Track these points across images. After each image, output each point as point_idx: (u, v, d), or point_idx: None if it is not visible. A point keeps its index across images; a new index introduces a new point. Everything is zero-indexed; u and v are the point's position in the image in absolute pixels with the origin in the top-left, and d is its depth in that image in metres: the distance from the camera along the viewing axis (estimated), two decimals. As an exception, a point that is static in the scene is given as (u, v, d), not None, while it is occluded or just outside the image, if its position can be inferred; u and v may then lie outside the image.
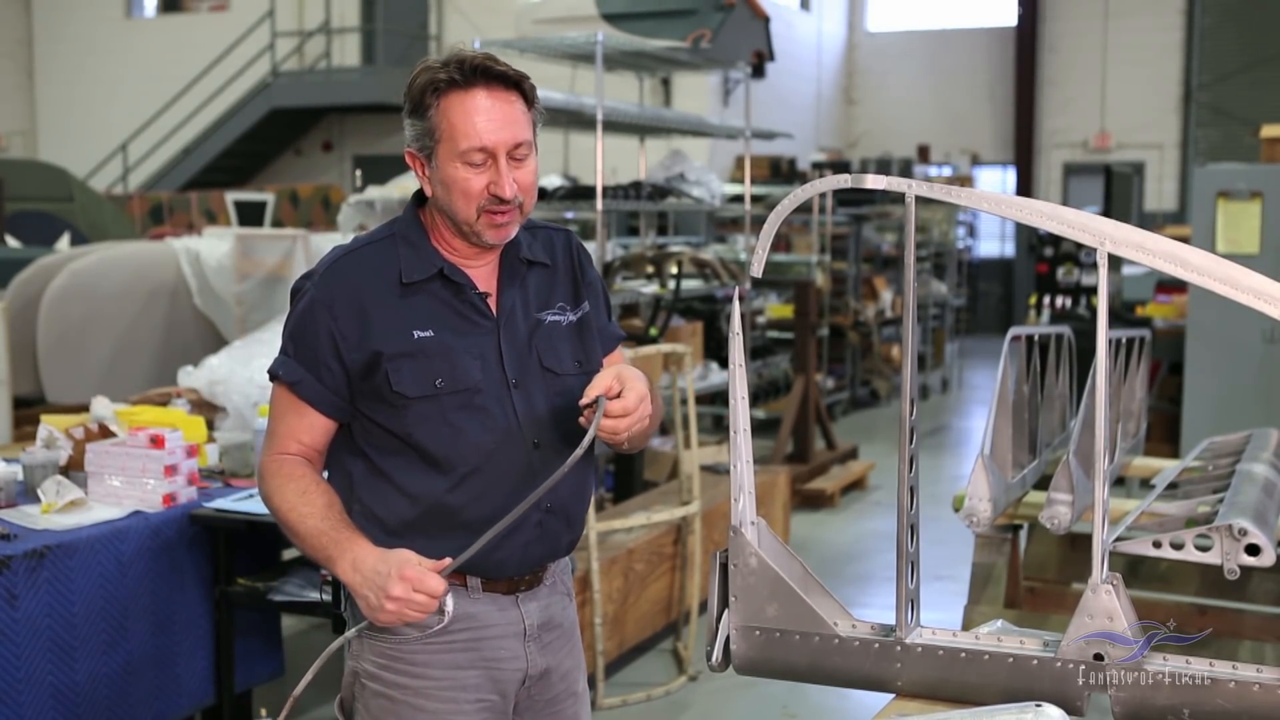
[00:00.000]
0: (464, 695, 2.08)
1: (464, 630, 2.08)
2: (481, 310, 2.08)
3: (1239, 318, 6.59)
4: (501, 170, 2.00)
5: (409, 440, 2.04)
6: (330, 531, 2.01)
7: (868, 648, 1.82)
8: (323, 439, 2.11)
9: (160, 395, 4.56)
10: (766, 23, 7.80)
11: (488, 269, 2.12)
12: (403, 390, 2.02)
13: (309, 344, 2.05)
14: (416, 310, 2.05)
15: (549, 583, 2.18)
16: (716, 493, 5.50)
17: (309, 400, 2.06)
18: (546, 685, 2.18)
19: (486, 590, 2.10)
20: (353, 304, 2.03)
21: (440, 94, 2.00)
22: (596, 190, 5.86)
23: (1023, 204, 1.72)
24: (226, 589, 3.58)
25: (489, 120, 1.99)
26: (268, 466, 2.10)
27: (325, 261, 2.10)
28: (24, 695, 3.07)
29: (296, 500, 2.04)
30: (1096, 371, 1.73)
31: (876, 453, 8.78)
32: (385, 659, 2.09)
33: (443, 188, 2.03)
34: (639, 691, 4.59)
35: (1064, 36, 17.94)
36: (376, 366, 2.02)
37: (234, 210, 11.29)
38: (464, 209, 2.02)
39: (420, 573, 1.92)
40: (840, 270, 11.07)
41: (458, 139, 1.99)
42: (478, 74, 1.99)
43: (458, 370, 2.03)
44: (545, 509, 2.09)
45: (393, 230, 2.12)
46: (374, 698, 2.10)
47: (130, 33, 18.14)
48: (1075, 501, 2.60)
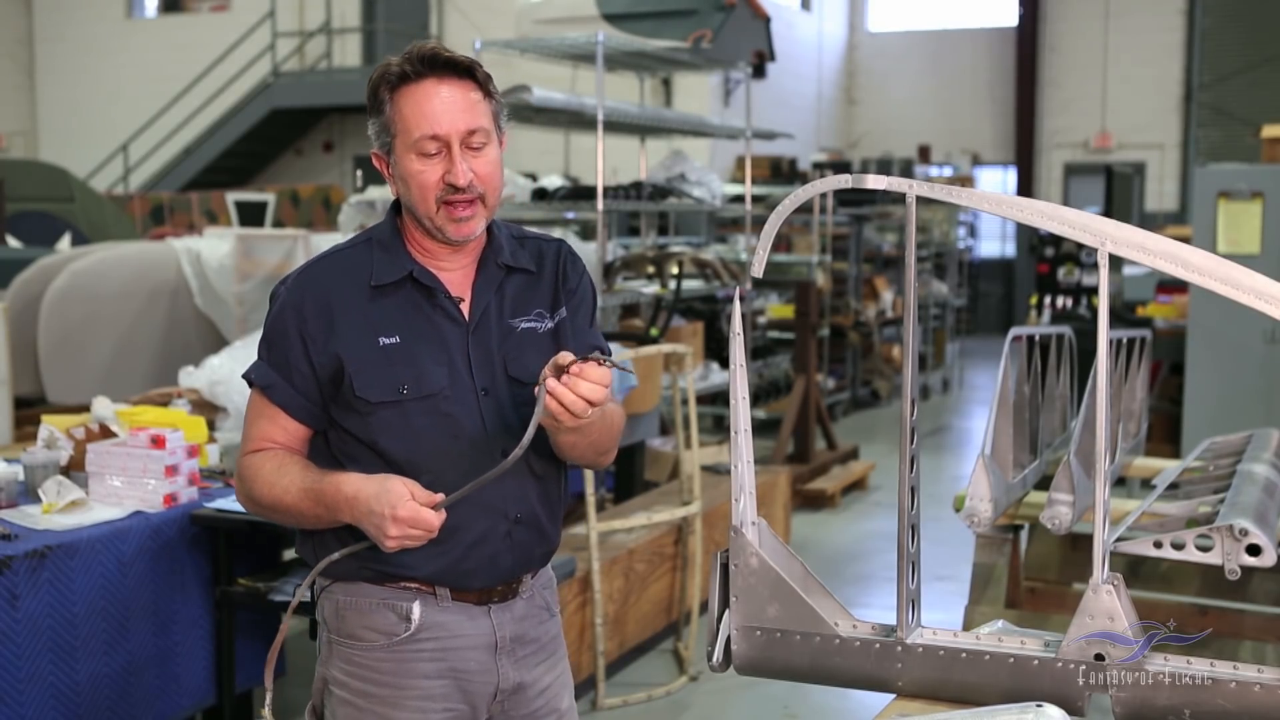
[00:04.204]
0: (431, 705, 2.05)
1: (431, 640, 2.05)
2: (452, 315, 2.05)
3: (1240, 318, 6.60)
4: (455, 158, 1.97)
5: (375, 447, 2.02)
6: (314, 486, 1.98)
7: (868, 648, 1.82)
8: (298, 444, 2.08)
9: (161, 395, 4.56)
10: (767, 23, 7.80)
11: (463, 273, 2.09)
12: (366, 395, 2.00)
13: (281, 348, 2.04)
14: (385, 314, 2.03)
15: (525, 596, 2.13)
16: (717, 493, 5.50)
17: (281, 405, 2.05)
18: (522, 700, 2.14)
19: (456, 599, 2.06)
20: (322, 308, 2.02)
21: (393, 88, 2.00)
22: (597, 190, 5.86)
23: (1023, 204, 1.72)
24: (227, 589, 3.59)
25: (439, 108, 1.97)
26: (241, 470, 2.08)
27: (302, 265, 2.10)
28: (25, 695, 3.07)
29: (275, 477, 2.02)
30: (1097, 372, 1.72)
31: (877, 453, 8.78)
32: (352, 666, 2.06)
33: (403, 183, 2.02)
34: (640, 692, 4.59)
35: (1064, 36, 17.94)
36: (341, 371, 2.00)
37: (235, 210, 11.29)
38: (422, 202, 2.00)
39: (414, 511, 1.89)
40: (841, 270, 11.07)
41: (410, 129, 1.98)
42: (426, 64, 1.98)
43: (423, 376, 2.00)
44: (514, 519, 2.06)
45: (370, 235, 2.11)
46: (341, 705, 2.08)
47: (131, 33, 18.14)
48: (1076, 502, 2.60)
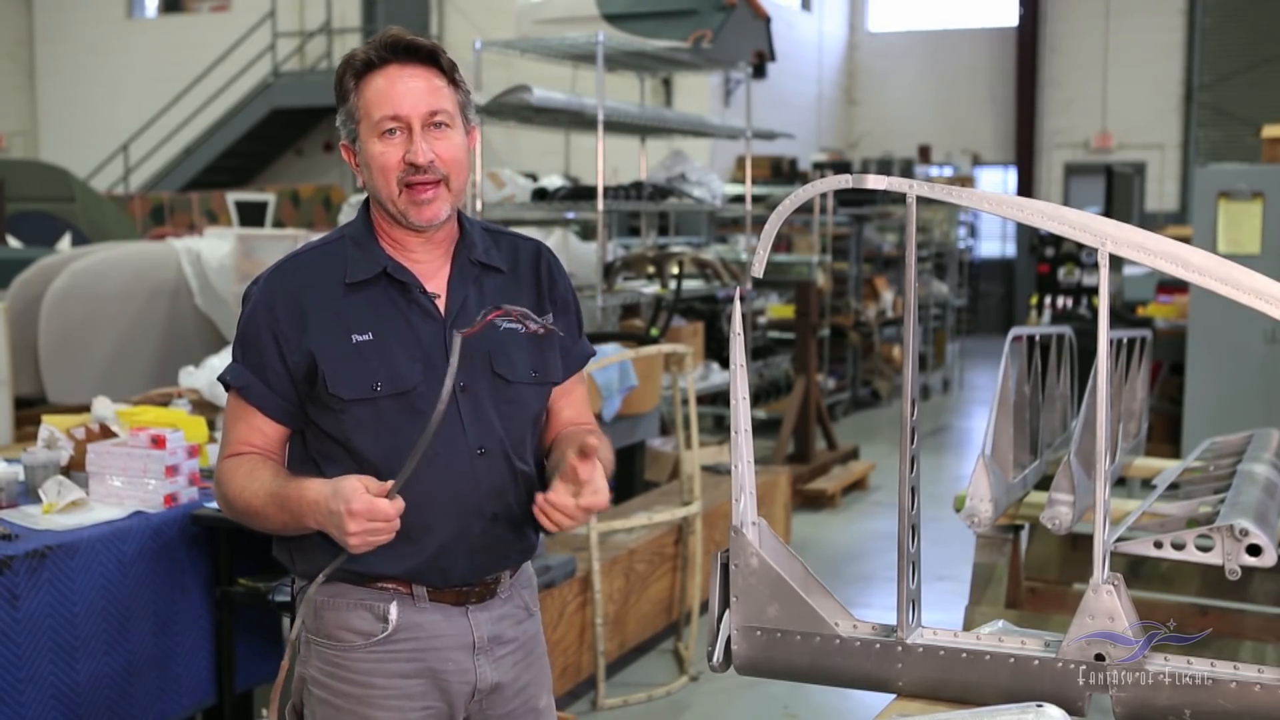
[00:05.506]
0: (409, 704, 2.05)
1: (409, 640, 2.05)
2: (428, 311, 2.04)
3: (1240, 318, 6.60)
4: (415, 137, 1.98)
5: (348, 446, 2.01)
6: (280, 492, 1.96)
7: (869, 648, 1.82)
8: (276, 445, 2.07)
9: (161, 395, 4.56)
10: (767, 23, 7.80)
11: (437, 268, 2.08)
12: (339, 392, 1.98)
13: (254, 348, 2.03)
14: (358, 311, 2.02)
15: (503, 595, 2.13)
16: (717, 493, 5.50)
17: (257, 405, 2.04)
18: (500, 700, 2.13)
19: (433, 600, 2.05)
20: (293, 306, 2.01)
21: (358, 76, 2.01)
22: (597, 190, 5.87)
23: (1024, 204, 1.72)
24: (228, 589, 3.58)
25: (401, 89, 1.98)
26: (217, 474, 2.07)
27: (273, 265, 2.09)
28: (25, 695, 3.07)
29: (246, 482, 2.01)
30: (1098, 372, 1.72)
31: (877, 453, 8.78)
32: (330, 666, 2.06)
33: (367, 170, 2.02)
34: (640, 692, 4.59)
35: (1065, 37, 17.94)
36: (314, 369, 1.99)
37: (235, 210, 11.30)
38: (384, 185, 2.00)
39: (368, 503, 1.85)
40: (841, 270, 11.07)
41: (371, 112, 1.99)
42: (389, 49, 1.99)
43: (397, 372, 1.99)
44: (491, 517, 2.05)
45: (344, 232, 2.10)
46: (320, 705, 2.07)
47: (131, 33, 18.14)
48: (1076, 502, 2.60)
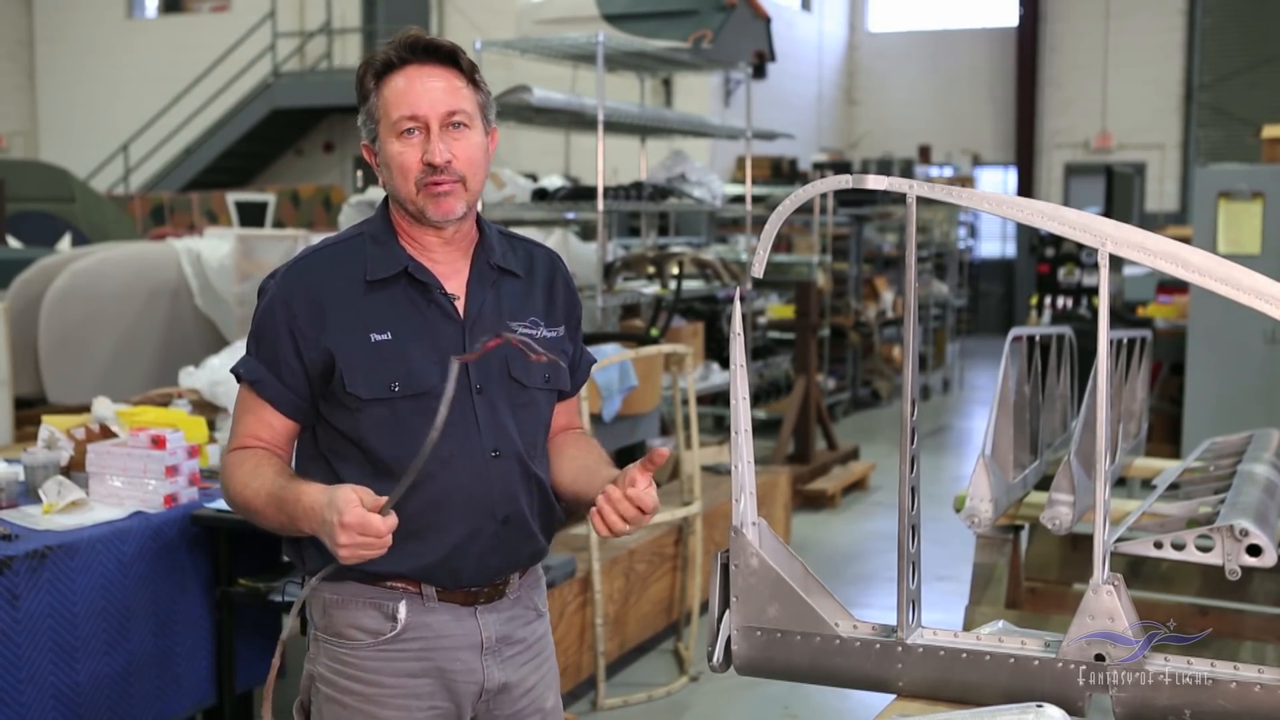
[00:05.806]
0: (416, 703, 2.05)
1: (417, 639, 2.05)
2: (448, 312, 2.04)
3: (1240, 318, 6.59)
4: (433, 137, 1.99)
5: (362, 445, 2.01)
6: (279, 493, 1.95)
7: (869, 648, 1.82)
8: (284, 440, 2.07)
9: (161, 396, 4.55)
10: (767, 23, 7.80)
11: (456, 270, 2.08)
12: (356, 391, 1.98)
13: (270, 343, 2.03)
14: (378, 310, 2.02)
15: (512, 597, 2.13)
16: (717, 493, 5.50)
17: (269, 399, 2.03)
18: (507, 700, 2.13)
19: (442, 600, 2.05)
20: (312, 302, 2.01)
21: (378, 76, 2.02)
22: (598, 191, 5.87)
23: (1024, 204, 1.72)
24: (228, 589, 3.58)
25: (419, 89, 1.99)
26: (223, 465, 2.08)
27: (291, 260, 2.09)
28: (25, 695, 3.07)
29: (249, 479, 2.00)
30: (1098, 372, 1.73)
31: (877, 453, 8.78)
32: (338, 664, 2.06)
33: (386, 169, 2.03)
34: (640, 692, 4.59)
35: (1065, 37, 17.93)
36: (332, 366, 1.99)
37: (235, 211, 11.28)
38: (403, 185, 2.00)
39: (360, 517, 1.80)
40: (841, 271, 11.07)
41: (390, 112, 2.00)
42: (408, 50, 2.00)
43: (415, 373, 1.99)
44: (503, 520, 2.05)
45: (362, 229, 2.10)
46: (327, 703, 2.07)
47: (131, 33, 18.14)
48: (1076, 502, 2.60)
